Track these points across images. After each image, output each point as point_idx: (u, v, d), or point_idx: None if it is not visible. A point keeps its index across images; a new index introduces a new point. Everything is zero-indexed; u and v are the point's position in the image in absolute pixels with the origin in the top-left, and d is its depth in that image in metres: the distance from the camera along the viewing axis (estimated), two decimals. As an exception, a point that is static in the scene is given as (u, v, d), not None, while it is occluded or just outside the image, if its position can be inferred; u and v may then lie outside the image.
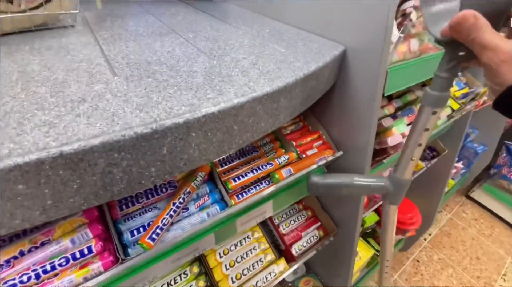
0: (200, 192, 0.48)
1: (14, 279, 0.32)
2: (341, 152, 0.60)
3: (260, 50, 0.47)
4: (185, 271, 0.61)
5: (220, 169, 0.53)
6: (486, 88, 0.85)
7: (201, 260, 0.65)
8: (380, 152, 0.69)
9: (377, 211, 1.12)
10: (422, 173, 1.00)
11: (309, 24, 0.60)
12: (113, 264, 0.36)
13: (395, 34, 0.54)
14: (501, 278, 1.40)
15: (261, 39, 0.53)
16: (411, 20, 0.60)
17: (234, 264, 0.64)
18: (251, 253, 0.67)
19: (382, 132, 0.66)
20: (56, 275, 0.34)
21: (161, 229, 0.40)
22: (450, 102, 0.80)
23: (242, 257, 0.66)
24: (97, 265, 0.35)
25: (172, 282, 0.59)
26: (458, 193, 1.93)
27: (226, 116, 0.31)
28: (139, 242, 0.38)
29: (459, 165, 1.59)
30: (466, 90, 0.86)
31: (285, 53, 0.47)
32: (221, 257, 0.65)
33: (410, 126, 0.69)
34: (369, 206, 0.88)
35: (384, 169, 0.74)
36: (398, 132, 0.64)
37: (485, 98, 1.15)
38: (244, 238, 0.69)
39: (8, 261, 0.34)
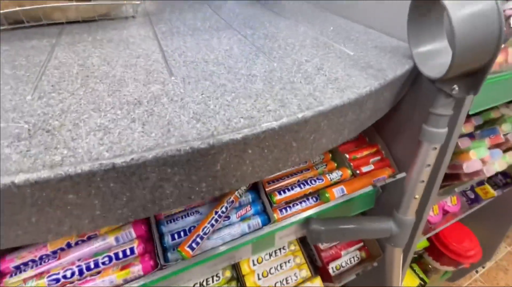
0: (242, 200, 0.45)
1: (58, 273, 0.33)
2: (403, 174, 0.53)
3: (324, 52, 0.42)
4: (217, 273, 0.59)
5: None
6: None
7: (234, 264, 0.63)
8: (449, 177, 0.59)
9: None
10: (490, 201, 0.86)
11: (380, 22, 0.53)
12: (152, 269, 0.35)
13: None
14: None
15: (325, 38, 0.47)
16: (510, 24, 0.49)
17: (267, 275, 0.61)
18: (286, 266, 0.64)
19: (456, 154, 0.56)
20: (98, 273, 0.34)
21: (201, 238, 0.38)
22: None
23: (276, 269, 0.62)
24: (137, 268, 0.35)
25: (204, 283, 0.58)
26: (526, 225, 1.66)
27: (286, 132, 0.27)
28: (179, 249, 0.37)
29: (534, 193, 1.34)
30: None
31: (354, 57, 0.41)
32: (254, 265, 0.62)
33: (491, 150, 0.58)
34: (423, 231, 0.78)
35: (449, 196, 0.64)
36: (477, 157, 0.54)
37: None
38: (280, 249, 0.65)
39: (54, 252, 0.35)
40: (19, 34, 0.43)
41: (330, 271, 0.67)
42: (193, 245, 0.37)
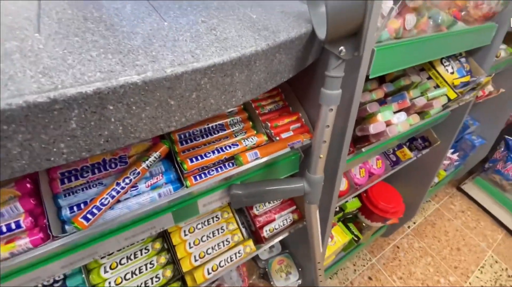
0: (154, 170, 0.45)
1: None
2: (316, 137, 0.56)
3: (226, 14, 0.41)
4: (146, 246, 0.59)
5: (180, 147, 0.49)
6: (490, 77, 0.78)
7: (164, 236, 0.63)
8: (363, 139, 0.64)
9: (360, 197, 1.10)
10: (411, 162, 0.97)
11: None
12: (43, 241, 0.34)
13: (387, 4, 0.47)
14: (479, 270, 1.42)
15: (235, 1, 0.46)
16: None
17: (199, 243, 0.63)
18: (218, 233, 0.66)
19: (366, 118, 0.61)
20: (-23, 249, 0.32)
21: (99, 209, 0.37)
22: (447, 90, 0.73)
23: (208, 237, 0.64)
24: (24, 241, 0.33)
25: (132, 256, 0.58)
26: (450, 185, 1.91)
27: (156, 88, 0.27)
28: (72, 220, 0.35)
29: (454, 156, 1.54)
30: (467, 79, 0.79)
31: (255, 20, 0.41)
32: (185, 235, 0.63)
33: (398, 113, 0.64)
34: (350, 192, 0.85)
35: (364, 158, 0.70)
36: (383, 119, 0.59)
37: (490, 88, 1.08)
38: (212, 218, 0.67)
39: None
40: None
41: (265, 234, 0.71)
42: (88, 215, 0.36)
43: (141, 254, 0.58)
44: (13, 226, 0.33)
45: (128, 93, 0.25)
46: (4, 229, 0.33)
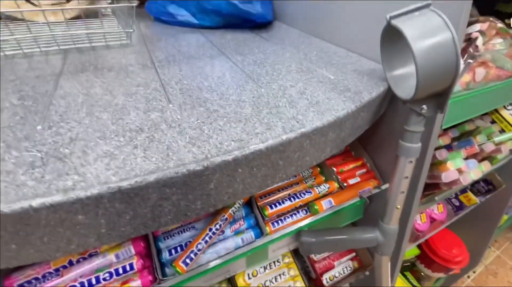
0: (236, 215, 0.48)
1: (62, 289, 0.34)
2: (387, 185, 0.56)
3: (308, 77, 0.46)
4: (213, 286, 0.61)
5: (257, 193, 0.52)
6: None
7: (229, 279, 0.64)
8: (431, 186, 0.63)
9: (419, 244, 1.02)
10: (474, 208, 0.90)
11: (359, 46, 0.58)
12: (151, 283, 0.37)
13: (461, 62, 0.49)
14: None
15: (309, 63, 0.52)
16: (477, 46, 0.54)
17: (262, 288, 0.63)
18: (280, 278, 0.65)
19: (435, 165, 0.61)
20: (99, 289, 0.36)
21: (195, 254, 0.40)
22: (517, 134, 0.70)
23: (271, 281, 0.64)
24: (137, 283, 0.36)
25: (201, 298, 0.59)
26: (510, 229, 1.71)
27: (272, 152, 0.31)
28: (173, 264, 0.39)
29: (517, 199, 1.40)
30: (536, 121, 0.75)
31: (334, 81, 0.45)
32: (249, 278, 0.64)
33: (467, 160, 0.62)
34: (411, 239, 0.81)
35: (432, 204, 0.68)
36: (454, 167, 0.58)
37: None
38: (274, 262, 0.67)
39: (57, 270, 0.36)
40: (23, 63, 0.46)
41: (324, 282, 0.69)
42: (187, 260, 0.39)
43: (209, 296, 0.59)
44: (128, 268, 0.37)
45: (254, 158, 0.29)
46: (121, 270, 0.37)
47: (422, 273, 1.07)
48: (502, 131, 0.75)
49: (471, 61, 0.47)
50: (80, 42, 0.52)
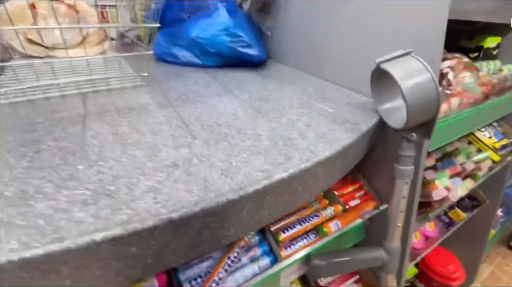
0: (250, 242, 0.50)
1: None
2: (385, 205, 0.61)
3: (309, 110, 0.52)
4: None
5: (269, 219, 0.54)
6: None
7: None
8: (423, 205, 0.68)
9: (416, 264, 1.05)
10: (463, 224, 0.96)
11: (349, 82, 0.65)
12: (176, 316, 0.38)
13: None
14: None
15: (307, 98, 0.58)
16: (449, 80, 0.63)
17: (274, 318, 0.62)
18: (290, 306, 0.65)
19: (425, 184, 0.66)
20: (127, 325, 0.36)
21: (217, 283, 0.42)
22: (491, 154, 0.79)
23: (281, 310, 0.64)
24: (162, 317, 0.37)
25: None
26: (499, 243, 1.78)
27: (293, 180, 0.34)
28: (199, 295, 0.40)
29: (498, 212, 1.48)
30: (505, 141, 0.85)
31: (333, 113, 0.51)
32: (260, 307, 0.63)
33: (453, 179, 0.68)
34: (411, 258, 0.84)
35: (425, 222, 0.72)
36: (442, 185, 0.64)
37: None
38: (283, 289, 0.68)
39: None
40: (47, 106, 0.49)
41: (332, 307, 0.69)
42: (211, 289, 0.40)
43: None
44: (153, 301, 0.38)
45: (279, 186, 0.33)
46: (146, 304, 0.38)
47: (422, 293, 1.08)
48: (479, 150, 0.83)
49: (448, 92, 0.55)
50: (98, 85, 0.56)
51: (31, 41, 0.76)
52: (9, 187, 0.28)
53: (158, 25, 0.55)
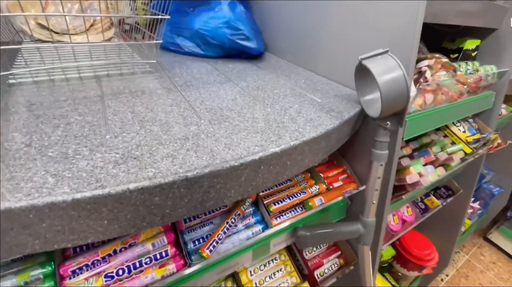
0: (246, 212, 0.57)
1: (112, 272, 0.41)
2: (364, 186, 0.69)
3: (300, 100, 0.59)
4: (220, 285, 0.68)
5: (262, 193, 0.62)
6: (497, 135, 0.93)
7: (234, 276, 0.71)
8: (399, 189, 0.77)
9: (394, 245, 1.15)
10: (438, 211, 1.05)
11: (338, 76, 0.73)
12: (183, 267, 0.45)
13: (413, 89, 0.65)
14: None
15: (299, 89, 0.65)
16: (426, 77, 0.71)
17: (263, 283, 0.71)
18: (278, 274, 0.74)
19: (400, 170, 0.75)
20: (141, 271, 0.43)
21: (217, 242, 0.49)
22: (463, 146, 0.88)
23: (270, 277, 0.72)
24: (172, 266, 0.44)
25: (210, 294, 0.66)
26: (476, 234, 1.91)
27: (284, 155, 0.42)
28: (199, 251, 0.47)
29: (476, 205, 1.60)
30: (477, 136, 0.94)
31: (321, 103, 0.58)
32: (251, 275, 0.71)
33: (426, 166, 0.77)
34: (387, 238, 0.93)
35: (399, 206, 0.81)
36: (415, 171, 0.73)
37: (498, 140, 1.22)
38: (272, 260, 0.76)
39: (104, 258, 0.43)
40: (67, 86, 0.54)
41: (316, 277, 0.78)
42: (211, 248, 0.48)
43: (217, 292, 0.66)
44: (164, 254, 0.45)
45: (272, 159, 0.40)
46: (158, 256, 0.45)
47: (399, 273, 1.19)
48: (453, 143, 0.92)
49: (421, 87, 0.63)
50: (112, 69, 0.61)
51: (42, 26, 0.81)
52: (50, 149, 0.35)
53: (168, 17, 0.61)
